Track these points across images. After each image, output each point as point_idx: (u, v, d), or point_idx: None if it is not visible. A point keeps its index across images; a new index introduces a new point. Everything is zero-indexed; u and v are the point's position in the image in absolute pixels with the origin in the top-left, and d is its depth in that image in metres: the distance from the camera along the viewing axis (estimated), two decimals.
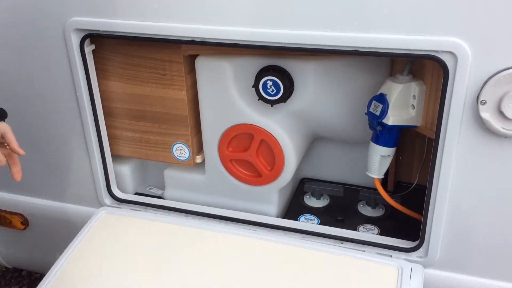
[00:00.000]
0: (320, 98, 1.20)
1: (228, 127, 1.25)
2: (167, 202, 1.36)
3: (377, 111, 1.11)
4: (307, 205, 1.37)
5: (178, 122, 1.28)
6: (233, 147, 1.29)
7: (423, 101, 1.10)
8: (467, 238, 1.09)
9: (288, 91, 1.16)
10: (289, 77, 1.17)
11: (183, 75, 1.22)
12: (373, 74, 1.17)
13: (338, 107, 1.21)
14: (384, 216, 1.32)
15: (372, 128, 1.14)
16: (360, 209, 1.35)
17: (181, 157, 1.33)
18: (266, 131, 1.22)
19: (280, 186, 1.29)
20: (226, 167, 1.31)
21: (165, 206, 1.33)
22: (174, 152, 1.32)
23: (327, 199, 1.38)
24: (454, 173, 1.03)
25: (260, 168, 1.27)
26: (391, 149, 1.15)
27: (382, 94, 1.10)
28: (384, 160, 1.16)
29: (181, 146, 1.31)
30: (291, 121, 1.24)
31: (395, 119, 1.09)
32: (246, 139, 1.26)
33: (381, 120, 1.10)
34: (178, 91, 1.24)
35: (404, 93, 1.09)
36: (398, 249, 1.15)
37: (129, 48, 1.21)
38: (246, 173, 1.31)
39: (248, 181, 1.31)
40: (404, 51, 0.96)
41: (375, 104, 1.11)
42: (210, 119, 1.27)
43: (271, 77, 1.15)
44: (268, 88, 1.17)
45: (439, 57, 0.95)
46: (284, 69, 1.17)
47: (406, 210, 1.24)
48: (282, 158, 1.24)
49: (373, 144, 1.15)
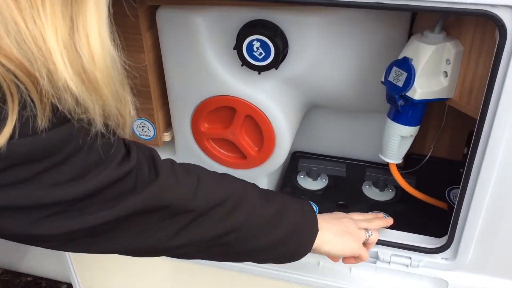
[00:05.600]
0: (323, 62, 0.93)
1: (203, 100, 0.98)
2: None
3: (399, 81, 0.84)
4: (302, 187, 1.13)
5: (138, 93, 0.99)
6: (210, 123, 1.02)
7: (459, 68, 0.84)
8: (507, 236, 0.88)
9: (281, 54, 0.88)
10: (282, 35, 0.89)
11: (141, 32, 0.92)
12: (390, 29, 0.89)
13: (345, 72, 0.94)
14: (394, 199, 1.10)
15: (391, 101, 0.88)
16: (365, 191, 1.12)
17: (144, 135, 1.05)
18: (252, 104, 0.95)
19: (270, 170, 1.04)
20: (202, 147, 1.05)
21: None
22: (135, 130, 1.05)
23: (325, 179, 1.14)
24: (502, 159, 0.80)
25: (244, 149, 1.01)
26: (414, 128, 0.90)
27: (406, 58, 0.83)
28: (404, 141, 0.92)
29: (144, 123, 1.03)
30: (284, 91, 0.97)
31: (424, 91, 0.83)
32: (226, 114, 0.99)
33: (405, 93, 0.84)
34: (135, 54, 0.94)
35: (436, 56, 0.82)
36: (420, 250, 0.93)
37: None
38: (227, 154, 1.05)
39: (230, 164, 1.05)
40: (446, 6, 0.69)
41: (397, 71, 0.85)
42: (179, 90, 0.98)
43: (259, 36, 0.87)
44: (255, 50, 0.88)
45: (494, 13, 0.68)
46: (276, 24, 0.88)
47: (433, 200, 1.02)
48: (272, 137, 0.98)
49: (392, 122, 0.90)
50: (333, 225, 0.85)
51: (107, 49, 0.55)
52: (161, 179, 0.66)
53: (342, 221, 0.87)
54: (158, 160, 0.68)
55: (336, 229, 0.85)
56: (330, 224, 0.85)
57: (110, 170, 0.60)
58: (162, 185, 0.66)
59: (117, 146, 0.61)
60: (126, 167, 0.62)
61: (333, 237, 0.84)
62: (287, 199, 0.83)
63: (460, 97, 0.86)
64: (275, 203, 0.79)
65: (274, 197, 0.81)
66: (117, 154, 0.61)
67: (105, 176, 0.60)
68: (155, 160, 0.68)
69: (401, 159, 0.95)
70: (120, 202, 0.62)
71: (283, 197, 0.83)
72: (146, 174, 0.65)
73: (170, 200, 0.67)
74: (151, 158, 0.68)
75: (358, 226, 0.87)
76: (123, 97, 0.59)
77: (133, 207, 0.63)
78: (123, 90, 0.59)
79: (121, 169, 0.61)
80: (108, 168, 0.60)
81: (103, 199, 0.61)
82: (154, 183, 0.65)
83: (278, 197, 0.82)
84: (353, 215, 0.91)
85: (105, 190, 0.60)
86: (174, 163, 0.71)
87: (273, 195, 0.82)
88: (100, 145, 0.58)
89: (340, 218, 0.87)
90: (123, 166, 0.62)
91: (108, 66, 0.55)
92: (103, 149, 0.58)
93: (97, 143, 0.58)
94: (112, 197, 0.61)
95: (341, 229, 0.85)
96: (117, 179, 0.61)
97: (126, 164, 0.62)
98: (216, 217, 0.71)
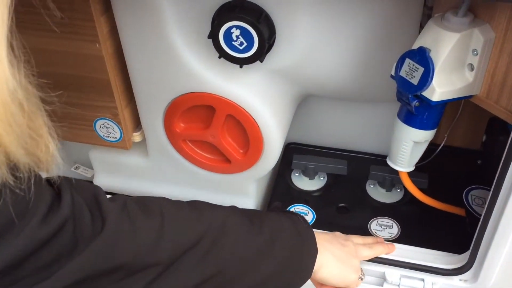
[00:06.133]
0: (318, 49, 0.76)
1: (176, 97, 0.81)
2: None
3: (413, 77, 0.68)
4: (297, 187, 0.98)
5: (97, 89, 0.83)
6: (186, 122, 0.86)
7: (488, 59, 0.67)
8: None
9: (266, 44, 0.71)
10: (268, 20, 0.71)
11: (93, 18, 0.74)
12: (399, 7, 0.72)
13: (345, 60, 0.77)
14: (402, 201, 0.95)
15: (402, 100, 0.71)
16: (370, 191, 0.97)
17: (109, 137, 0.89)
18: (234, 102, 0.79)
19: (260, 174, 0.89)
20: (178, 149, 0.89)
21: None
22: (98, 131, 0.89)
23: (323, 177, 0.99)
24: None
25: (228, 152, 0.86)
26: (431, 132, 0.74)
27: (423, 49, 0.66)
28: (418, 147, 0.76)
29: (107, 123, 0.87)
30: (271, 84, 0.81)
31: (444, 91, 0.67)
32: (205, 113, 0.83)
33: (421, 93, 0.68)
34: (89, 43, 0.77)
35: (461, 46, 0.65)
36: (434, 271, 0.79)
37: None
38: (209, 157, 0.89)
39: (213, 168, 0.90)
40: None
41: (411, 65, 0.68)
42: (147, 86, 0.82)
43: (238, 23, 0.69)
44: (234, 39, 0.71)
45: None
46: (260, 7, 0.70)
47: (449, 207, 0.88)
48: (259, 139, 0.82)
49: (403, 124, 0.74)
50: (334, 246, 0.72)
51: (2, 80, 0.38)
52: (109, 229, 0.51)
53: (345, 245, 0.73)
54: (104, 202, 0.53)
55: (337, 252, 0.71)
56: (331, 244, 0.72)
57: (29, 230, 0.45)
58: (111, 237, 0.51)
59: (37, 196, 0.45)
60: (55, 221, 0.47)
61: (333, 261, 0.71)
62: (275, 220, 0.68)
63: (488, 94, 0.70)
64: (263, 228, 0.65)
65: (261, 220, 0.67)
66: (38, 207, 0.46)
67: (23, 240, 0.45)
68: (100, 202, 0.52)
69: (414, 166, 0.79)
70: (55, 270, 0.47)
71: (270, 217, 0.69)
72: (88, 224, 0.50)
73: (125, 256, 0.52)
74: (94, 201, 0.52)
75: (358, 254, 0.74)
76: (35, 132, 0.43)
77: (74, 274, 0.48)
78: (34, 123, 0.43)
79: (47, 226, 0.46)
80: (27, 229, 0.45)
81: (30, 271, 0.46)
82: (100, 236, 0.50)
83: (266, 219, 0.68)
84: (353, 238, 0.77)
85: (30, 258, 0.46)
86: (127, 203, 0.55)
87: (259, 218, 0.67)
88: (9, 202, 0.43)
89: (341, 241, 0.73)
90: (50, 220, 0.47)
91: (6, 103, 0.39)
92: (14, 206, 0.43)
93: (6, 201, 0.42)
94: (43, 265, 0.47)
95: (343, 254, 0.71)
96: (44, 240, 0.46)
97: (54, 217, 0.47)
98: (190, 265, 0.57)
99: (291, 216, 0.71)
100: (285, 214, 0.71)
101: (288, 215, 0.71)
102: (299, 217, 0.70)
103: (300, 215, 0.71)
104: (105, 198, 0.53)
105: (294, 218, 0.70)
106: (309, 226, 0.70)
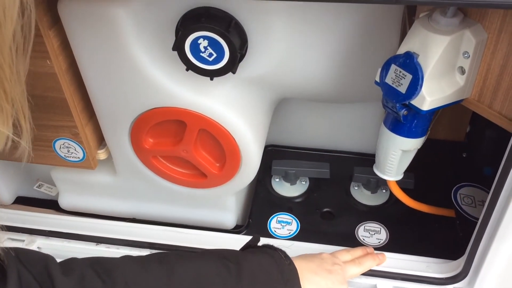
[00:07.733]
0: (294, 54, 0.69)
1: (141, 113, 0.74)
2: (61, 220, 0.87)
3: (400, 85, 0.62)
4: (278, 194, 0.93)
5: (54, 108, 0.74)
6: (156, 137, 0.78)
7: (480, 61, 0.61)
8: None
9: (238, 54, 0.64)
10: (239, 28, 0.64)
11: (40, 33, 0.65)
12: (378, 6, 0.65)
13: (324, 63, 0.71)
14: (389, 203, 0.91)
15: (388, 108, 0.66)
16: (354, 193, 0.92)
17: (71, 157, 0.81)
18: (206, 116, 0.72)
19: (239, 187, 0.83)
20: (148, 166, 0.82)
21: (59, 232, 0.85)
22: (58, 151, 0.81)
23: (305, 181, 0.94)
24: None
25: (203, 166, 0.79)
26: (420, 140, 0.69)
27: (410, 54, 0.60)
28: (406, 155, 0.71)
29: (67, 143, 0.79)
30: (245, 94, 0.74)
31: (434, 99, 0.61)
32: (175, 128, 0.76)
33: (410, 101, 0.62)
34: (39, 60, 0.69)
35: (451, 50, 0.60)
36: (427, 281, 0.76)
37: None
38: (183, 172, 0.82)
39: (189, 184, 0.83)
40: None
41: (397, 71, 0.62)
42: (108, 102, 0.74)
43: (205, 33, 0.62)
44: (202, 51, 0.64)
45: None
46: (228, 13, 0.63)
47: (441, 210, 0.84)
48: (236, 151, 0.76)
49: (390, 133, 0.68)
50: (320, 277, 0.67)
51: None
52: None
53: (331, 271, 0.68)
54: (57, 278, 0.46)
55: (323, 283, 0.66)
56: (316, 275, 0.67)
57: None
58: None
59: None
60: None
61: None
62: (254, 261, 0.62)
63: (480, 97, 0.65)
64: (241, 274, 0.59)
65: (238, 264, 0.60)
66: None
67: None
68: (52, 278, 0.46)
69: (402, 174, 0.74)
70: None
71: (248, 259, 0.63)
72: None
73: None
74: (46, 276, 0.46)
75: (348, 275, 0.69)
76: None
77: None
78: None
79: None
80: None
81: None
82: None
83: (243, 261, 0.61)
84: (341, 255, 0.72)
85: None
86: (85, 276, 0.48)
87: (235, 262, 0.61)
88: None
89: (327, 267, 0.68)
90: None
91: None
92: None
93: None
94: None
95: (329, 283, 0.66)
96: None
97: None
98: None
99: (272, 254, 0.64)
100: (264, 252, 0.65)
101: (269, 252, 0.65)
102: (280, 253, 0.65)
103: (281, 250, 0.66)
104: (58, 271, 0.47)
105: (276, 256, 0.64)
106: (291, 262, 0.64)
